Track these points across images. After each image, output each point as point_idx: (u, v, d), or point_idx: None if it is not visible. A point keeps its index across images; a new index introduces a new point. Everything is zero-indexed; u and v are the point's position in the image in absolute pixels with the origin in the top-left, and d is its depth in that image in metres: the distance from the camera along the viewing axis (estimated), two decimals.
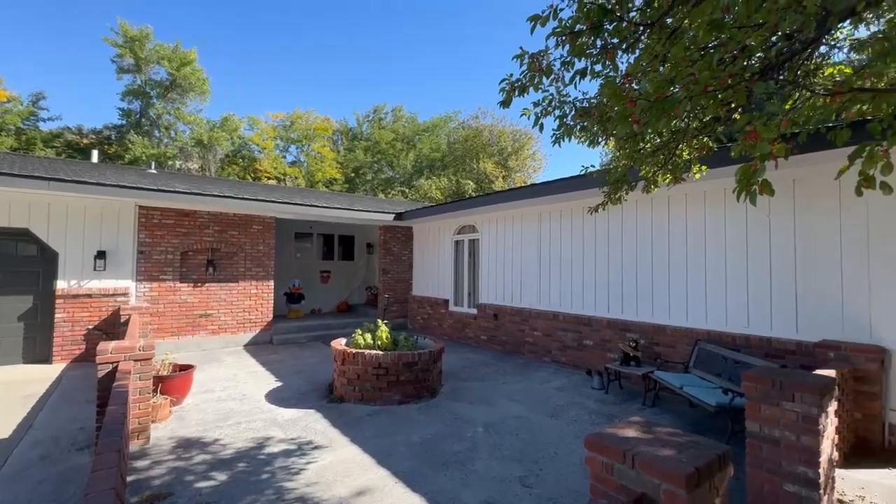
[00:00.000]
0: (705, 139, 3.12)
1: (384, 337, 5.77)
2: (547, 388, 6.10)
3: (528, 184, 20.48)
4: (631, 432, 1.98)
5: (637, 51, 2.50)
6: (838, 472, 3.44)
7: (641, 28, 2.26)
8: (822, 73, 2.87)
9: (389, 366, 5.33)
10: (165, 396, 4.84)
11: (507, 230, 8.72)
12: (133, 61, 26.79)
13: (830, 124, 2.83)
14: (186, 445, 4.06)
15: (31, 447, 3.96)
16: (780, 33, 1.78)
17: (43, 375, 6.43)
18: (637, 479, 1.71)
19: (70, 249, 7.33)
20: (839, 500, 3.16)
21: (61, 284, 7.24)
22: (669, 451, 1.76)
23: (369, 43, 51.51)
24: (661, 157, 3.46)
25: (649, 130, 2.36)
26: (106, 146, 26.28)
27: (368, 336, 5.80)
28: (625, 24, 2.22)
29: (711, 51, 2.10)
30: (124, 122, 27.86)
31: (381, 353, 5.38)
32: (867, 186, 1.63)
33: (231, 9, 44.53)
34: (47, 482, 3.34)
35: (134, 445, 3.96)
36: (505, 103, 2.72)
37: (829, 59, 3.20)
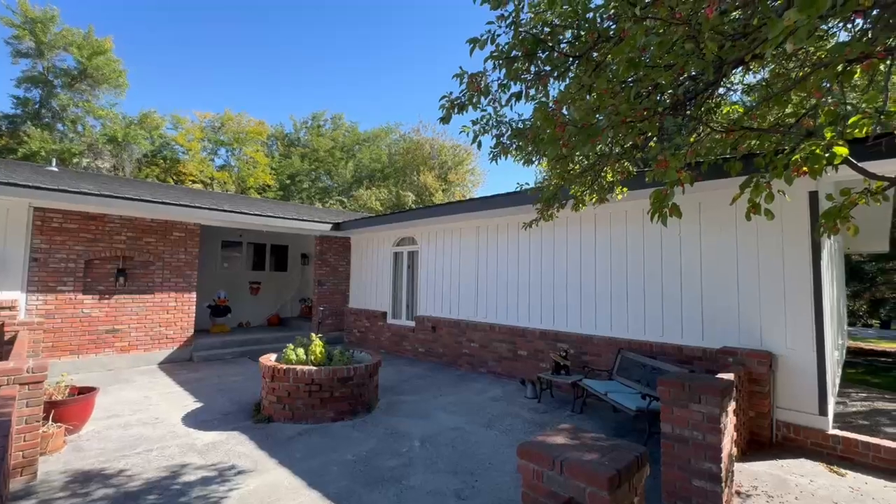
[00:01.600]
0: (626, 163, 3.41)
1: (318, 351, 5.55)
2: (483, 398, 6.20)
3: (467, 198, 20.97)
4: (560, 439, 2.07)
5: (567, 79, 2.69)
6: (737, 466, 3.85)
7: (570, 59, 2.44)
8: (721, 111, 3.28)
9: (323, 382, 5.13)
10: (59, 424, 4.25)
11: (447, 243, 8.84)
12: (34, 45, 23.83)
13: (727, 156, 3.24)
14: (84, 479, 3.59)
15: None
16: (685, 74, 2.02)
17: None
18: (565, 484, 1.79)
19: None
20: (737, 492, 3.53)
21: None
22: (594, 455, 1.87)
23: (308, 47, 50.29)
24: (588, 178, 3.73)
25: (577, 153, 2.54)
26: None
27: (301, 351, 5.55)
28: (556, 54, 2.39)
29: (630, 85, 2.33)
30: (19, 111, 24.57)
31: (314, 368, 5.16)
32: (755, 212, 1.88)
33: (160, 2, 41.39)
34: None
35: (16, 483, 3.43)
36: (445, 119, 2.79)
37: (726, 99, 3.66)
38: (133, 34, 41.30)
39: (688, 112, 2.62)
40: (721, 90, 3.37)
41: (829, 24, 2.20)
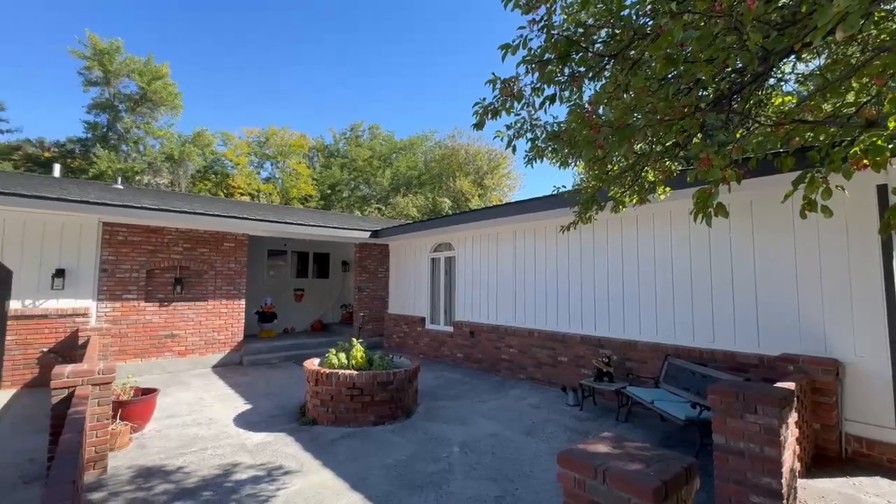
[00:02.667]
0: (668, 162, 3.29)
1: (359, 356, 5.68)
2: (522, 405, 6.11)
3: (504, 203, 20.83)
4: (602, 448, 2.01)
5: (602, 79, 2.64)
6: (801, 482, 3.57)
7: (605, 59, 2.39)
8: (772, 104, 3.10)
9: (364, 386, 5.24)
10: (126, 423, 4.60)
11: (483, 248, 8.82)
12: (101, 74, 26.09)
13: (778, 151, 3.05)
14: (147, 475, 3.85)
15: None
16: (729, 68, 1.93)
17: None
18: (608, 494, 1.74)
19: (26, 267, 6.96)
20: None
21: (14, 305, 6.84)
22: (638, 466, 1.81)
23: (348, 61, 51.97)
24: (628, 178, 3.62)
25: (614, 154, 2.48)
26: (69, 160, 25.27)
27: (343, 355, 5.70)
28: (590, 54, 2.35)
29: (670, 81, 2.25)
30: (90, 135, 26.93)
31: (355, 373, 5.29)
32: (810, 210, 1.76)
33: (207, 24, 44.25)
34: None
35: (90, 476, 3.73)
36: (478, 126, 2.81)
37: (778, 90, 3.45)
38: (185, 57, 44.31)
39: (733, 106, 2.49)
40: (771, 81, 3.18)
41: (893, 5, 2.03)
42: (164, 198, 10.46)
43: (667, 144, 3.09)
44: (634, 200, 3.78)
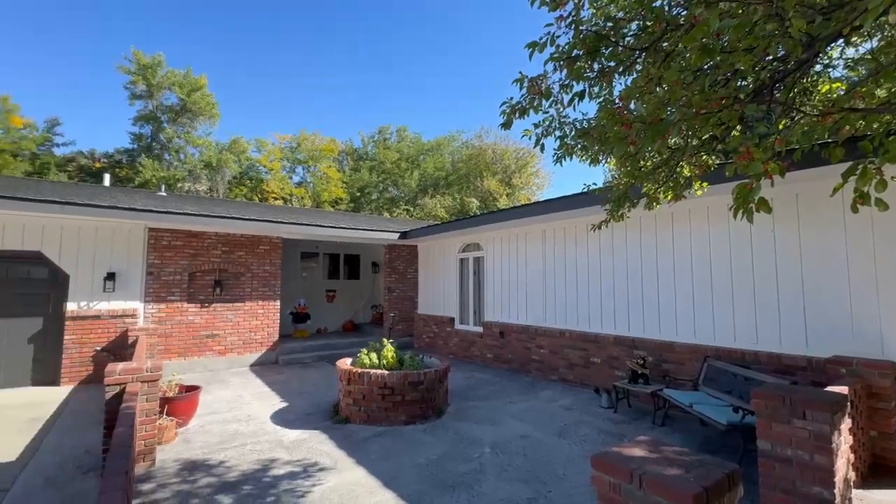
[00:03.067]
0: (704, 157, 3.16)
1: (389, 356, 5.76)
2: (554, 406, 6.02)
3: (532, 202, 20.59)
4: (638, 451, 1.96)
5: (634, 73, 2.57)
6: (856, 493, 3.36)
7: (636, 52, 2.33)
8: (819, 91, 2.93)
9: (395, 385, 5.30)
10: (171, 418, 4.84)
11: (512, 247, 8.75)
12: (145, 87, 27.59)
13: (825, 142, 2.87)
14: (192, 468, 4.04)
15: (37, 471, 3.96)
16: (770, 56, 1.84)
17: (50, 398, 6.45)
18: (644, 500, 1.69)
19: (81, 271, 7.45)
20: None
21: (71, 306, 7.33)
22: (677, 471, 1.75)
23: (373, 63, 52.73)
24: (662, 174, 3.51)
25: (647, 150, 2.41)
26: (117, 169, 26.84)
27: (374, 355, 5.79)
28: (620, 48, 2.30)
29: (706, 72, 2.16)
30: (135, 146, 28.53)
31: (386, 372, 5.36)
32: (862, 203, 1.65)
33: (240, 36, 45.97)
34: None
35: (139, 468, 3.95)
36: (506, 125, 2.79)
37: (824, 76, 3.26)
38: (220, 68, 46.21)
39: (776, 95, 2.37)
40: (818, 67, 3.01)
41: None
42: (203, 203, 10.94)
43: (703, 138, 2.97)
44: (669, 197, 3.66)
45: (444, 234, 10.14)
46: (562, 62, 2.31)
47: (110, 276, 7.60)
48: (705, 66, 2.28)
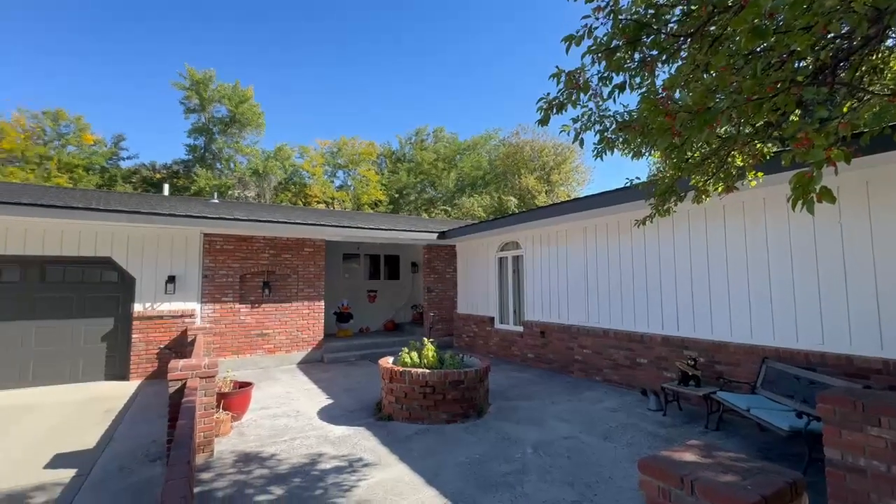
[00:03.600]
0: (759, 145, 2.97)
1: (430, 355, 5.82)
2: (599, 408, 5.86)
3: (572, 198, 20.12)
4: (689, 456, 1.88)
5: (678, 61, 2.46)
6: None
7: (681, 39, 2.23)
8: (891, 69, 2.67)
9: (436, 384, 5.35)
10: (227, 412, 5.13)
11: (552, 245, 8.59)
12: (198, 102, 29.38)
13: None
14: (246, 460, 4.26)
15: (112, 459, 4.32)
16: (831, 34, 1.70)
17: (121, 392, 7.02)
18: None
19: (145, 275, 8.05)
20: None
21: (137, 307, 7.94)
22: (732, 478, 1.66)
23: (409, 66, 53.36)
24: (712, 165, 3.33)
25: (693, 140, 2.28)
26: (175, 180, 28.76)
27: (415, 354, 5.87)
28: (663, 36, 2.20)
29: (759, 55, 2.03)
30: (191, 157, 30.46)
31: (427, 371, 5.42)
32: None
33: (283, 51, 47.95)
34: (125, 492, 3.63)
35: (199, 458, 4.22)
36: (543, 122, 2.75)
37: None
38: (264, 78, 48.42)
39: (840, 75, 2.18)
40: (889, 42, 2.75)
41: None
42: (252, 209, 11.51)
43: (757, 125, 2.79)
44: (720, 189, 3.47)
45: (482, 234, 10.11)
46: (600, 54, 2.24)
47: (171, 279, 8.16)
48: (757, 49, 2.14)
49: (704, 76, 2.29)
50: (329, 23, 48.88)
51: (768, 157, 3.32)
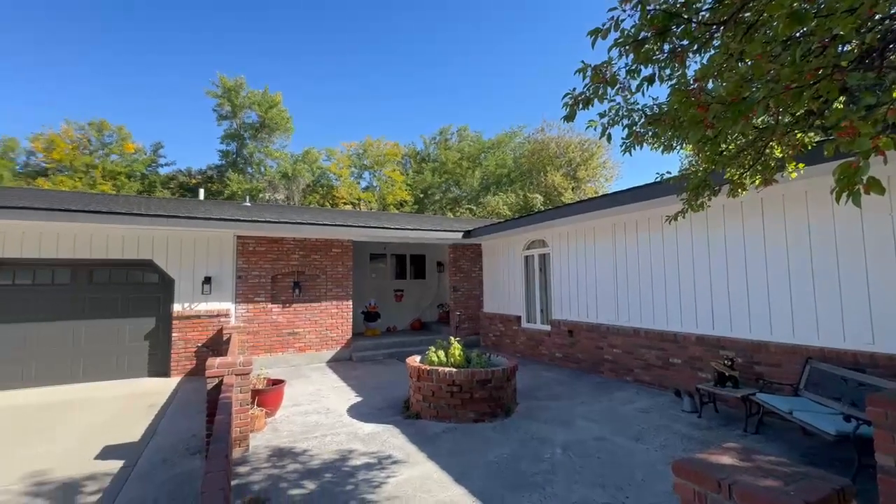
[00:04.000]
0: (799, 135, 2.83)
1: (457, 354, 5.83)
2: (630, 409, 5.73)
3: (599, 195, 19.71)
4: (726, 459, 1.81)
5: (711, 50, 2.37)
6: None
7: (714, 27, 2.15)
8: None
9: (463, 383, 5.36)
10: (261, 408, 5.30)
11: (579, 243, 8.45)
12: (230, 109, 30.42)
13: None
14: (279, 455, 4.40)
15: (155, 451, 4.54)
16: (879, 15, 1.59)
17: (163, 388, 7.36)
18: None
19: (183, 276, 8.40)
20: None
21: (176, 307, 8.30)
22: (773, 482, 1.59)
23: (432, 63, 53.53)
24: (748, 157, 3.19)
25: (727, 132, 2.19)
26: (209, 184, 29.88)
27: (441, 353, 5.90)
28: (694, 25, 2.13)
29: (798, 41, 1.94)
30: (223, 161, 31.58)
31: (454, 370, 5.43)
32: None
33: (310, 58, 49.03)
34: (168, 483, 3.81)
35: (236, 452, 4.38)
36: (569, 118, 2.71)
37: None
38: (294, 84, 49.63)
39: (891, 57, 2.04)
40: None
41: None
42: (282, 211, 11.83)
43: (798, 114, 2.66)
44: (757, 182, 3.32)
45: (508, 232, 10.04)
46: (627, 46, 2.19)
47: (207, 280, 8.49)
48: (797, 35, 2.04)
49: (739, 65, 2.20)
50: (352, 23, 49.64)
51: (810, 148, 3.16)
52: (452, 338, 6.18)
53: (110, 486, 3.78)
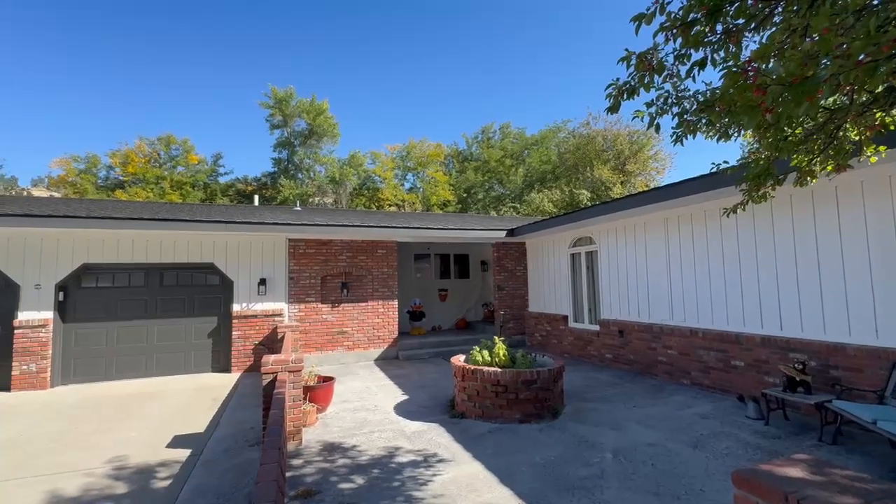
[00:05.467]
0: (879, 114, 2.54)
1: (501, 354, 5.77)
2: (687, 413, 5.42)
3: (650, 188, 18.82)
4: (795, 471, 1.66)
5: (771, 27, 2.18)
6: None
7: (773, 2, 1.98)
8: None
9: (508, 383, 5.30)
10: (313, 404, 5.52)
11: (629, 240, 8.10)
12: (281, 118, 31.99)
13: None
14: (330, 449, 4.56)
15: (218, 442, 4.86)
16: None
17: (225, 382, 7.87)
18: None
19: (241, 278, 8.93)
20: None
21: (235, 307, 8.84)
22: (851, 500, 1.44)
23: (477, 63, 53.36)
24: (818, 141, 2.91)
25: (790, 117, 2.00)
26: (263, 191, 31.58)
27: (486, 353, 5.86)
28: (750, 2, 1.97)
29: (874, 9, 1.74)
30: (276, 169, 33.25)
31: (499, 370, 5.39)
32: None
33: (357, 63, 50.52)
34: (230, 471, 4.06)
35: (290, 445, 4.59)
36: (613, 109, 2.60)
37: None
38: (339, 90, 51.36)
39: None
40: None
41: None
42: (330, 215, 12.27)
43: (877, 91, 2.38)
44: (829, 168, 3.02)
45: (553, 230, 9.82)
46: (675, 30, 2.06)
47: (262, 282, 8.97)
48: (873, 3, 1.83)
49: (806, 41, 2.01)
50: (395, 25, 50.54)
51: (893, 128, 2.83)
52: (497, 337, 6.12)
53: (180, 473, 4.09)
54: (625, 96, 2.49)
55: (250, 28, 46.15)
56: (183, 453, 4.56)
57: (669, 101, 2.80)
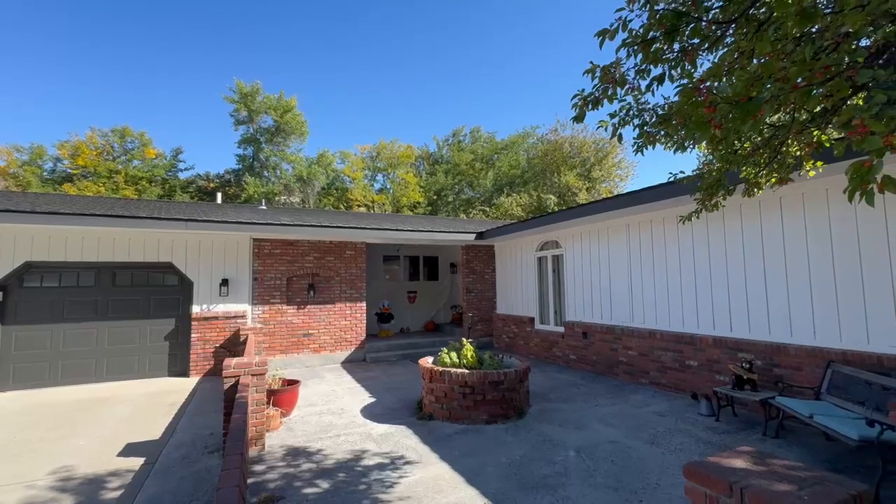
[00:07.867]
0: (816, 132, 2.76)
1: (469, 356, 5.83)
2: (645, 412, 5.65)
3: (613, 195, 19.48)
4: (739, 463, 1.79)
5: (723, 48, 2.34)
6: None
7: (724, 25, 2.12)
8: None
9: (475, 385, 5.36)
10: (276, 408, 5.38)
11: (593, 244, 8.38)
12: (246, 114, 30.99)
13: None
14: (294, 454, 4.46)
15: (175, 448, 4.66)
16: (894, 10, 1.56)
17: (182, 387, 7.54)
18: None
19: (202, 278, 8.60)
20: None
21: (195, 309, 8.49)
22: (787, 487, 1.57)
23: (444, 68, 53.65)
24: (764, 156, 3.13)
25: (736, 132, 2.16)
26: (227, 188, 30.46)
27: (454, 355, 5.91)
28: (704, 23, 2.11)
29: (811, 38, 1.90)
30: (240, 166, 32.15)
31: (466, 371, 5.44)
32: None
33: (330, 63, 49.68)
34: (188, 479, 3.91)
35: (252, 451, 4.46)
36: (578, 118, 2.70)
37: None
38: (309, 87, 50.30)
39: None
40: None
41: None
42: (297, 214, 12.00)
43: (815, 111, 2.60)
44: (773, 180, 3.26)
45: (521, 233, 10.01)
46: (636, 46, 2.18)
47: (224, 282, 8.67)
48: (813, 31, 2.00)
49: (753, 63, 2.17)
50: (365, 25, 50.10)
51: (828, 146, 3.08)
52: (465, 339, 6.18)
53: (132, 482, 3.89)
54: (590, 107, 2.60)
55: (218, 20, 44.49)
56: (136, 462, 4.34)
57: (631, 112, 2.95)
